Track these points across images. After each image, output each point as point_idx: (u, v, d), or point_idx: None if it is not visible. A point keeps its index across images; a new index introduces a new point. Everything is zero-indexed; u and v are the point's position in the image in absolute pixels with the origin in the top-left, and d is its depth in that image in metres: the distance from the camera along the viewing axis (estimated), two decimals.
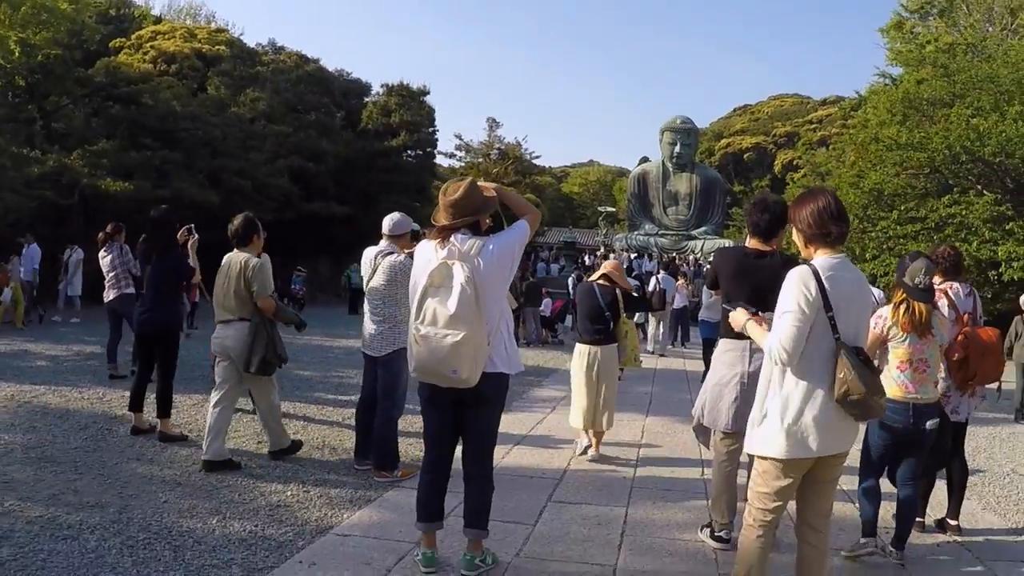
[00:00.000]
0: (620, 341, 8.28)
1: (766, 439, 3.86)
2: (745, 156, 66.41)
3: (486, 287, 4.48)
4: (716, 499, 5.65)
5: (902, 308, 5.32)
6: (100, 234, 11.39)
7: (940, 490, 6.36)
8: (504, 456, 7.74)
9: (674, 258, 33.85)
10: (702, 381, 13.05)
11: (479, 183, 4.76)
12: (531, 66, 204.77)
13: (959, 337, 5.83)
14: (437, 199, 4.74)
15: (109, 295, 11.26)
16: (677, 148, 46.94)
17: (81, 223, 21.98)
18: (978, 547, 5.83)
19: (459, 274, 4.37)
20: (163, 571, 4.55)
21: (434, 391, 4.66)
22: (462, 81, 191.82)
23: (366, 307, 6.95)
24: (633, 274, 28.01)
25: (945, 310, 5.86)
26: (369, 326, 6.89)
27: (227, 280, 6.95)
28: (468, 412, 4.72)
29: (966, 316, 6.00)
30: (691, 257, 39.58)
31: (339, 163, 34.15)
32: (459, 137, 54.16)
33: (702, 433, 6.04)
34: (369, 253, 7.03)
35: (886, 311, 5.42)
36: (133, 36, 34.41)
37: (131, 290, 11.09)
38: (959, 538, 5.98)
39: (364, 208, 33.19)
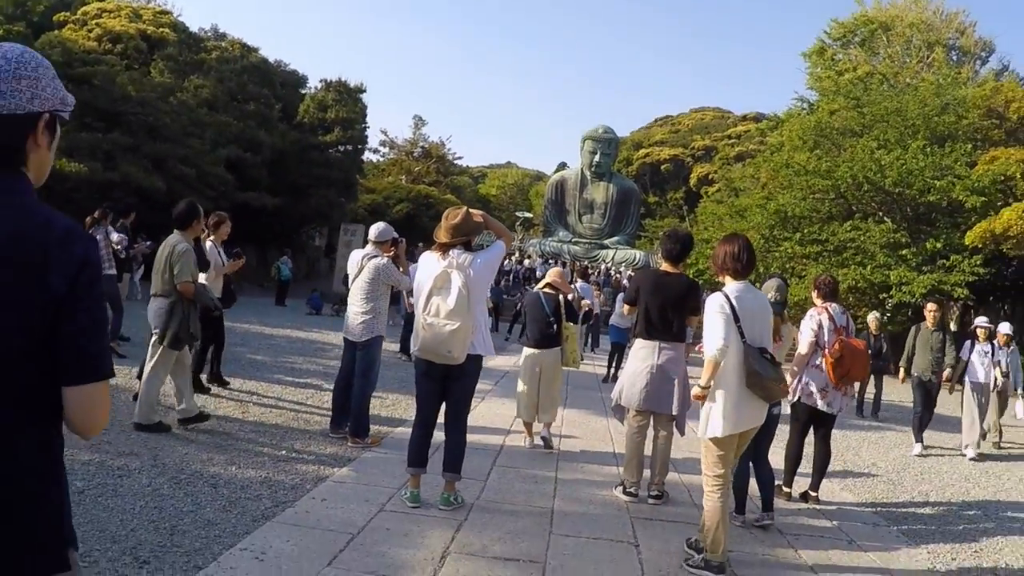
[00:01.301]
0: (563, 344, 9.64)
1: (707, 426, 5.66)
2: (662, 167, 68.73)
3: (474, 290, 6.26)
4: (628, 463, 7.52)
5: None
6: (87, 218, 12.75)
7: (805, 469, 8.37)
8: None
9: (586, 266, 35.77)
10: (604, 381, 14.95)
11: (471, 211, 6.59)
12: (459, 64, 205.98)
13: (836, 344, 7.75)
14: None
15: None
16: (597, 157, 48.64)
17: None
18: (831, 513, 7.76)
19: (456, 279, 6.14)
20: (210, 499, 6.13)
21: (429, 366, 6.40)
22: (392, 74, 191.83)
23: (350, 299, 8.73)
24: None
25: (827, 323, 7.83)
26: (353, 316, 8.65)
27: (158, 259, 8.31)
28: (452, 383, 6.47)
29: (841, 329, 7.95)
30: (602, 266, 41.23)
31: (274, 155, 35.30)
32: (384, 133, 55.53)
33: (618, 411, 7.84)
34: (356, 255, 8.85)
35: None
36: (79, 11, 34.98)
37: (113, 271, 12.36)
38: (818, 506, 7.92)
39: (294, 200, 34.51)
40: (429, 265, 6.41)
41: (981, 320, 13.75)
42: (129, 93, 27.57)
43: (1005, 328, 13.63)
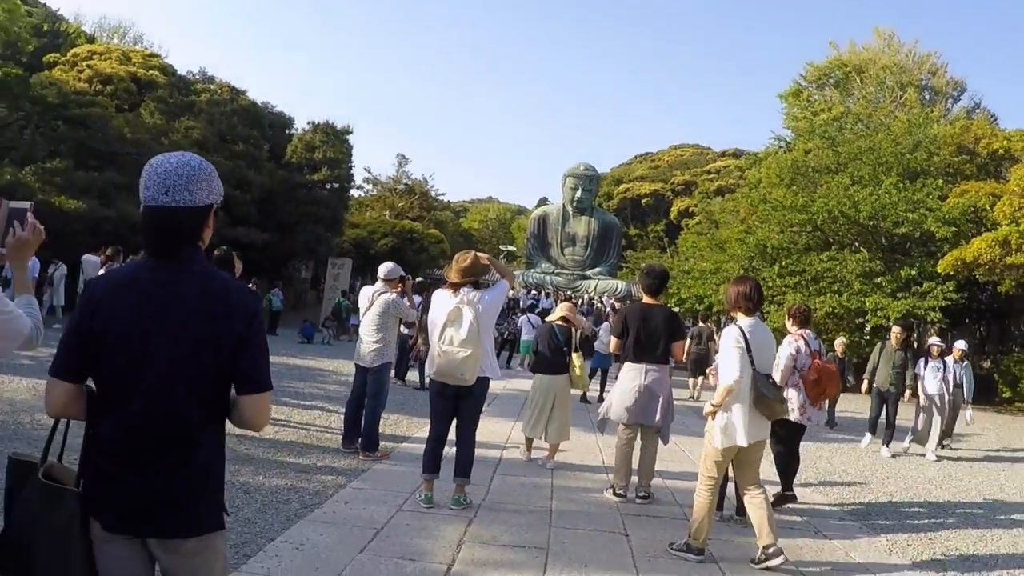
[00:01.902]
0: (571, 371, 10.55)
1: (718, 438, 6.53)
2: (643, 201, 69.60)
3: (483, 322, 7.23)
4: (617, 469, 8.49)
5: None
6: (102, 256, 13.57)
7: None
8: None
9: (569, 296, 36.54)
10: (582, 401, 15.78)
11: (478, 255, 7.56)
12: (439, 101, 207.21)
13: (813, 368, 8.58)
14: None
15: None
16: (579, 193, 49.44)
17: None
18: (803, 511, 8.67)
19: (468, 314, 7.09)
20: (245, 503, 6.96)
21: (443, 387, 7.34)
22: (374, 112, 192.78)
23: (362, 330, 9.75)
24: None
25: (803, 348, 8.70)
26: (366, 345, 9.66)
27: None
28: (463, 401, 7.41)
29: (815, 353, 8.82)
30: (585, 296, 42.09)
31: (263, 193, 36.26)
32: (368, 171, 56.58)
33: (603, 425, 9.01)
34: (367, 291, 9.94)
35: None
36: (69, 53, 35.89)
37: None
38: (792, 505, 8.82)
39: (282, 236, 35.46)
40: (443, 301, 7.39)
41: (934, 340, 15.42)
42: (125, 135, 28.41)
43: (960, 345, 15.53)
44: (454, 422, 7.59)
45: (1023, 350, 27.91)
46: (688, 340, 16.01)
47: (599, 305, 37.66)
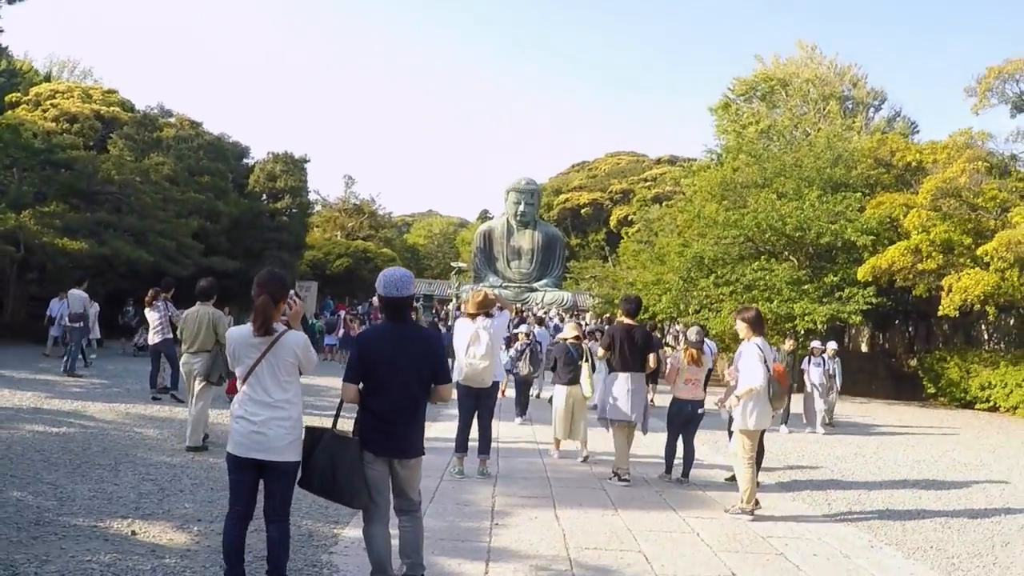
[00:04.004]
0: (582, 381, 12.84)
1: (745, 423, 9.50)
2: (582, 211, 72.76)
3: (495, 341, 10.58)
4: (619, 458, 11.36)
5: (686, 352, 11.53)
6: (148, 296, 16.51)
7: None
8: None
9: (521, 309, 39.23)
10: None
11: (487, 292, 10.89)
12: (371, 114, 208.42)
13: (773, 373, 10.74)
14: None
15: (155, 339, 16.43)
16: (521, 207, 52.22)
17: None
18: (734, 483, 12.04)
19: (484, 336, 10.42)
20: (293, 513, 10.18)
21: (468, 389, 10.68)
22: (301, 129, 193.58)
23: None
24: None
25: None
26: None
27: (198, 325, 12.01)
28: (482, 399, 10.72)
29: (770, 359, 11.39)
30: (534, 309, 44.62)
31: (231, 222, 38.80)
32: (316, 192, 59.26)
33: (604, 422, 11.67)
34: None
35: (680, 355, 11.65)
36: (31, 92, 38.14)
37: (171, 335, 16.09)
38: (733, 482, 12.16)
39: (251, 262, 38.01)
40: (465, 327, 10.75)
41: (816, 343, 19.83)
42: (111, 176, 30.83)
43: (832, 345, 19.89)
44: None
45: (946, 349, 31.62)
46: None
47: (545, 318, 40.32)
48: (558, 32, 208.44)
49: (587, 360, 12.91)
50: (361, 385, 5.90)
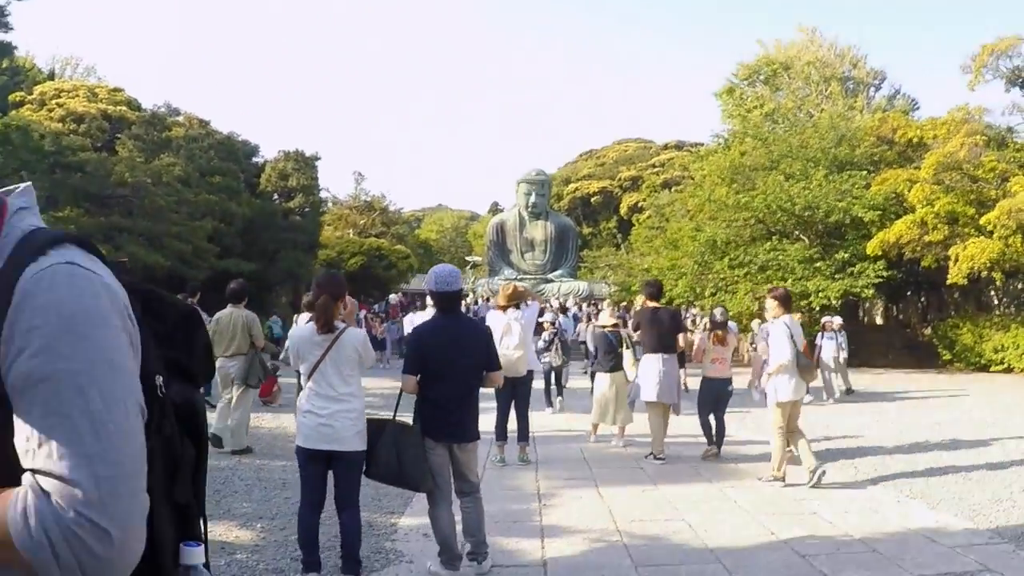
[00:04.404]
0: (625, 366, 13.11)
1: (776, 396, 10.04)
2: (592, 200, 73.10)
3: (527, 332, 11.09)
4: (654, 439, 11.84)
5: (712, 332, 12.00)
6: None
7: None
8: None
9: (563, 303, 39.66)
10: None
11: (516, 286, 11.36)
12: (380, 111, 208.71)
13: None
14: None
15: None
16: (533, 198, 52.69)
17: None
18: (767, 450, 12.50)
19: (516, 327, 10.90)
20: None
21: (505, 380, 11.04)
22: (311, 125, 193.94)
23: None
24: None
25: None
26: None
27: (233, 328, 11.99)
28: (519, 388, 11.18)
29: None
30: (554, 302, 45.03)
31: (245, 223, 38.96)
32: (327, 190, 59.50)
33: (640, 405, 12.27)
34: (422, 317, 13.48)
35: (704, 336, 12.11)
36: (35, 91, 38.24)
37: None
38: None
39: (266, 264, 38.40)
40: (497, 319, 11.20)
41: (826, 318, 20.68)
42: (124, 179, 31.16)
43: (838, 320, 20.62)
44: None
45: (958, 316, 32.09)
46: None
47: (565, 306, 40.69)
48: (561, 22, 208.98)
49: (627, 346, 13.25)
50: (419, 376, 6.40)
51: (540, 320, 16.14)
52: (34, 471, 1.25)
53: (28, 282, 1.31)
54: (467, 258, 56.97)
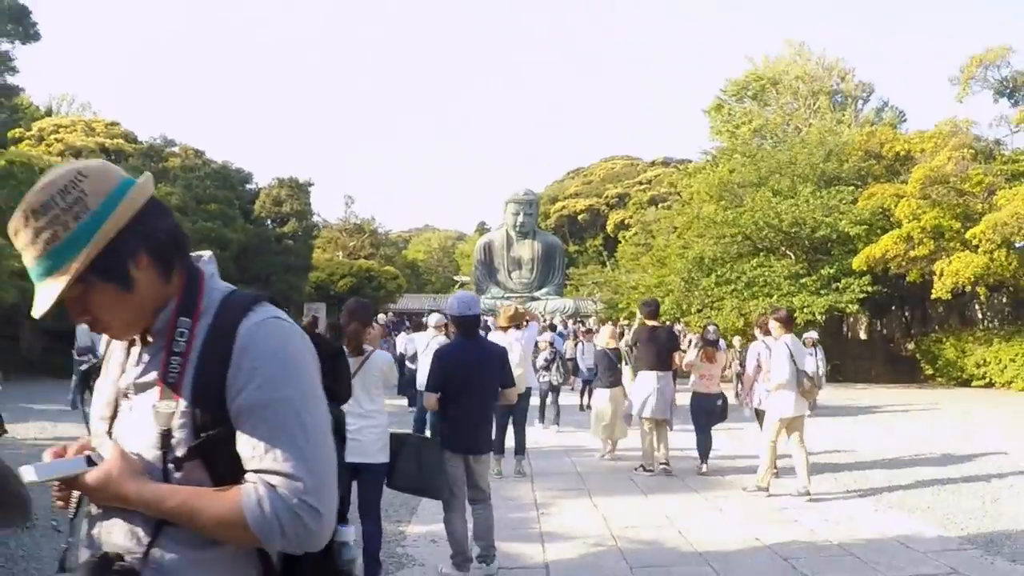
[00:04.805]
0: (624, 382, 13.69)
1: (775, 411, 10.65)
2: (579, 217, 73.48)
3: (526, 351, 11.70)
4: (645, 452, 12.44)
5: (703, 350, 12.62)
6: None
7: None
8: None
9: (553, 320, 40.24)
10: (580, 410, 19.72)
11: (517, 308, 12.02)
12: (359, 132, 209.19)
13: None
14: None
15: None
16: (520, 218, 53.23)
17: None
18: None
19: (517, 347, 11.57)
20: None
21: None
22: (294, 150, 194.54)
23: (422, 364, 13.89)
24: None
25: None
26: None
27: None
28: (516, 404, 11.47)
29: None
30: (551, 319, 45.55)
31: (240, 249, 39.51)
32: (318, 214, 60.30)
33: (633, 419, 12.74)
34: (423, 337, 14.20)
35: (694, 353, 12.71)
36: (34, 127, 38.89)
37: None
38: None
39: (259, 287, 38.75)
40: (499, 339, 11.68)
41: (808, 334, 20.15)
42: None
43: (813, 335, 20.42)
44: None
45: (941, 330, 32.79)
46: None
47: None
48: (546, 40, 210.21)
49: (627, 363, 13.84)
50: (439, 395, 7.06)
51: (538, 339, 16.72)
52: (259, 471, 1.83)
53: (245, 333, 1.89)
54: (455, 278, 57.58)
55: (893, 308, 37.95)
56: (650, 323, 12.71)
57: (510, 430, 12.01)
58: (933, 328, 34.36)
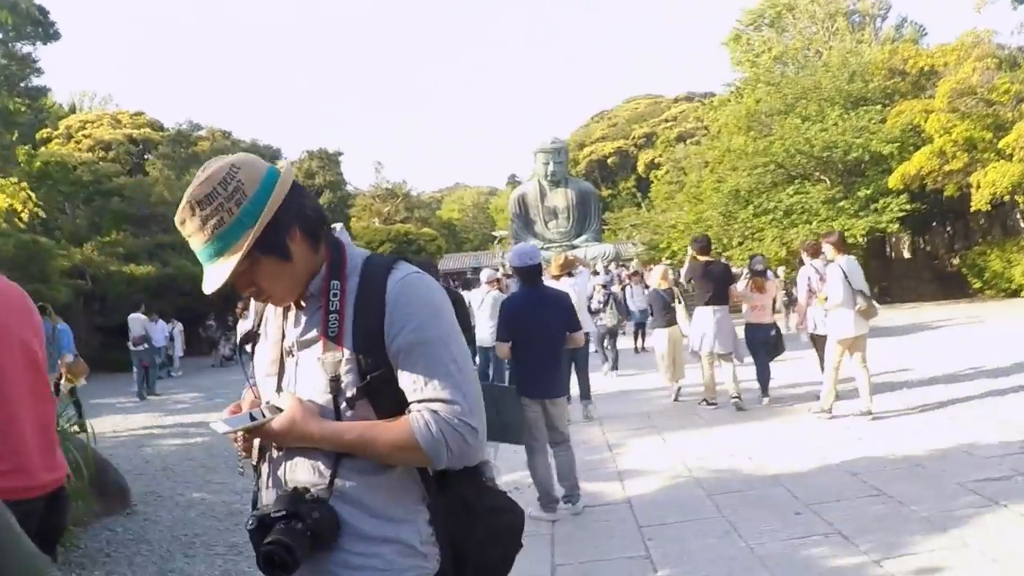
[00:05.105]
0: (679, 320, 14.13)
1: (835, 332, 10.90)
2: (609, 161, 73.73)
3: (580, 297, 12.10)
4: (707, 386, 12.84)
5: (752, 280, 12.91)
6: (237, 308, 18.02)
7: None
8: None
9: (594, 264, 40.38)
10: (636, 352, 20.15)
11: (567, 256, 12.39)
12: (382, 93, 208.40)
13: None
14: None
15: None
16: (551, 167, 53.01)
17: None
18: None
19: (571, 293, 11.77)
20: None
21: None
22: (318, 115, 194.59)
23: (479, 320, 14.21)
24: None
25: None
26: (484, 330, 14.06)
27: None
28: (577, 351, 11.79)
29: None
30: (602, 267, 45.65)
31: None
32: (350, 183, 60.71)
33: (695, 355, 13.00)
34: (478, 293, 14.49)
35: (743, 285, 13.00)
36: (60, 126, 39.71)
37: None
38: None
39: None
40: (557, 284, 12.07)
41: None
42: (164, 198, 32.24)
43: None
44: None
45: (985, 243, 32.83)
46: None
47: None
48: None
49: (679, 301, 14.03)
50: (511, 343, 7.49)
51: (594, 282, 16.99)
52: (422, 400, 2.21)
53: (395, 286, 2.26)
54: (493, 233, 57.67)
55: (934, 224, 37.92)
56: (703, 259, 12.85)
57: (573, 377, 12.22)
58: (976, 241, 34.35)
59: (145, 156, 39.20)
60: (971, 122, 28.51)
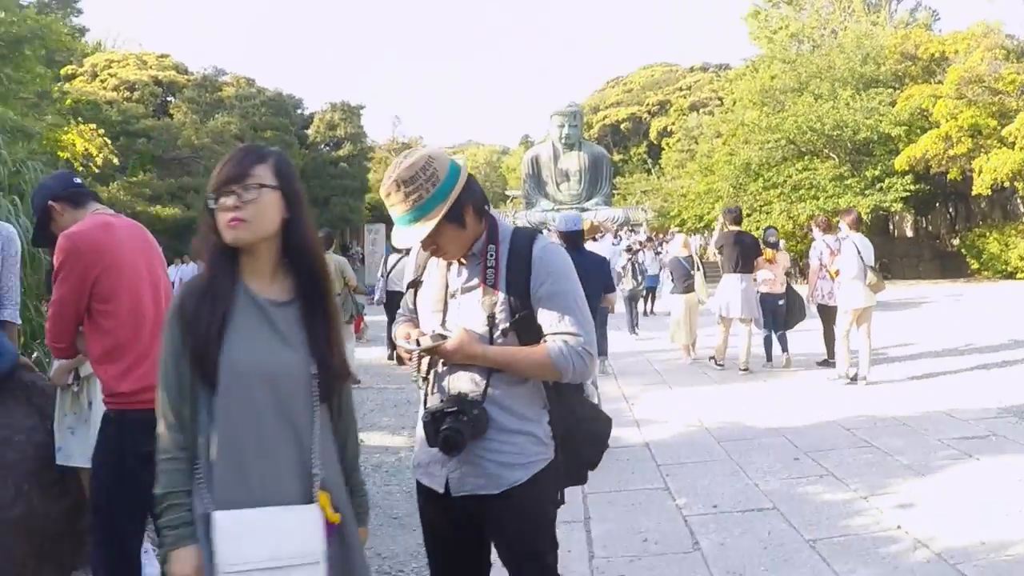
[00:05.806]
0: (697, 287, 14.45)
1: (846, 302, 11.78)
2: (622, 126, 73.97)
3: (613, 261, 12.96)
4: (719, 349, 13.70)
5: (764, 252, 13.76)
6: None
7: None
8: None
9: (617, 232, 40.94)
10: (645, 315, 20.99)
11: (593, 222, 13.30)
12: (396, 49, 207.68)
13: None
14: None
15: None
16: (566, 130, 54.13)
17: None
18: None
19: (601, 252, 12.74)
20: None
21: None
22: (335, 70, 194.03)
23: None
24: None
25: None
26: None
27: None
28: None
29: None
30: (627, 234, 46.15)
31: (297, 174, 40.24)
32: (370, 137, 61.15)
33: (720, 320, 13.79)
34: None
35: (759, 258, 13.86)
36: (86, 63, 39.78)
37: None
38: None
39: (318, 211, 39.99)
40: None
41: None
42: (191, 141, 32.98)
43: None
44: None
45: (985, 225, 33.71)
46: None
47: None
48: None
49: (698, 269, 14.74)
50: None
51: (619, 246, 17.67)
52: (557, 333, 3.00)
53: (538, 251, 3.01)
54: (506, 192, 58.10)
55: (937, 206, 38.68)
56: (735, 228, 13.57)
57: None
58: (977, 223, 35.24)
59: (169, 99, 39.53)
60: (977, 109, 29.32)
